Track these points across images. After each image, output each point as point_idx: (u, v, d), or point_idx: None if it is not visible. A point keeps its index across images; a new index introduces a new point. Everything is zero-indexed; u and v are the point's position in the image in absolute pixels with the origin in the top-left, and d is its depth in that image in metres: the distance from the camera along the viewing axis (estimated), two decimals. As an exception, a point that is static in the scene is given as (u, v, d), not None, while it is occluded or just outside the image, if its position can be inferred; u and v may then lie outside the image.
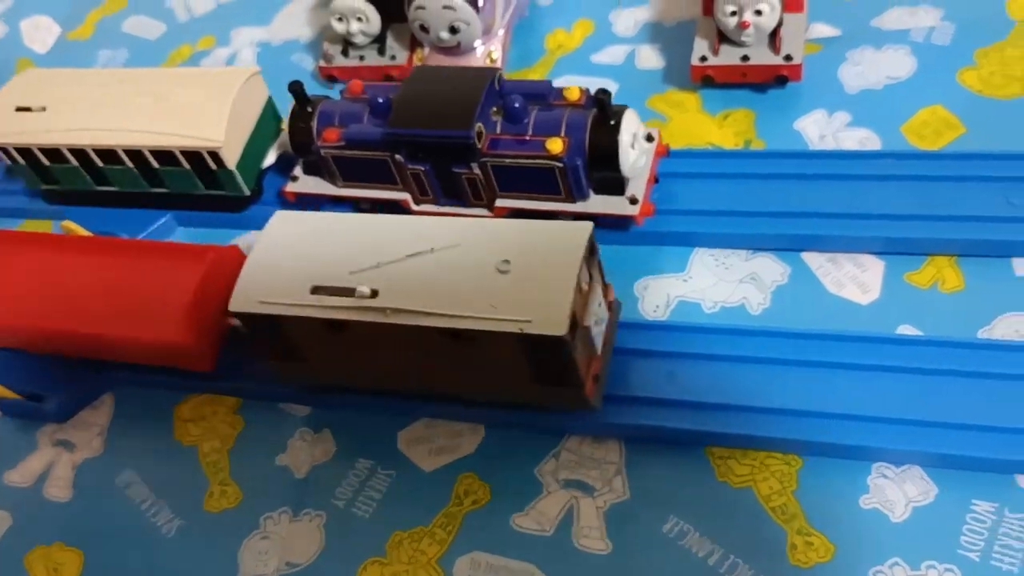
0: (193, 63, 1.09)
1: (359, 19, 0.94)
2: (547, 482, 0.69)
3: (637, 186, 0.76)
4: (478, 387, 0.68)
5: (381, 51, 0.97)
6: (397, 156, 0.78)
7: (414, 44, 0.96)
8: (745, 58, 0.85)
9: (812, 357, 0.68)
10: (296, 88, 0.81)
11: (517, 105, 0.73)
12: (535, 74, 0.96)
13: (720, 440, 0.68)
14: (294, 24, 1.09)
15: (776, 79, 0.85)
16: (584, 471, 0.69)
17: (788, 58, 0.84)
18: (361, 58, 0.97)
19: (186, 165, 0.84)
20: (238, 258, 0.75)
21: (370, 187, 0.82)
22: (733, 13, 0.83)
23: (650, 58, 0.94)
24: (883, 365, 0.67)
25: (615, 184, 0.75)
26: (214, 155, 0.82)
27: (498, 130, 0.74)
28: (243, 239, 0.89)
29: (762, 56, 0.85)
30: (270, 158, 0.89)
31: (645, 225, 0.77)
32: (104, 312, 0.76)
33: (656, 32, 0.96)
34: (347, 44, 0.97)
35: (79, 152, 0.86)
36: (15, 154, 0.89)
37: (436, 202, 0.81)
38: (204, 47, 1.11)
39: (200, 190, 0.87)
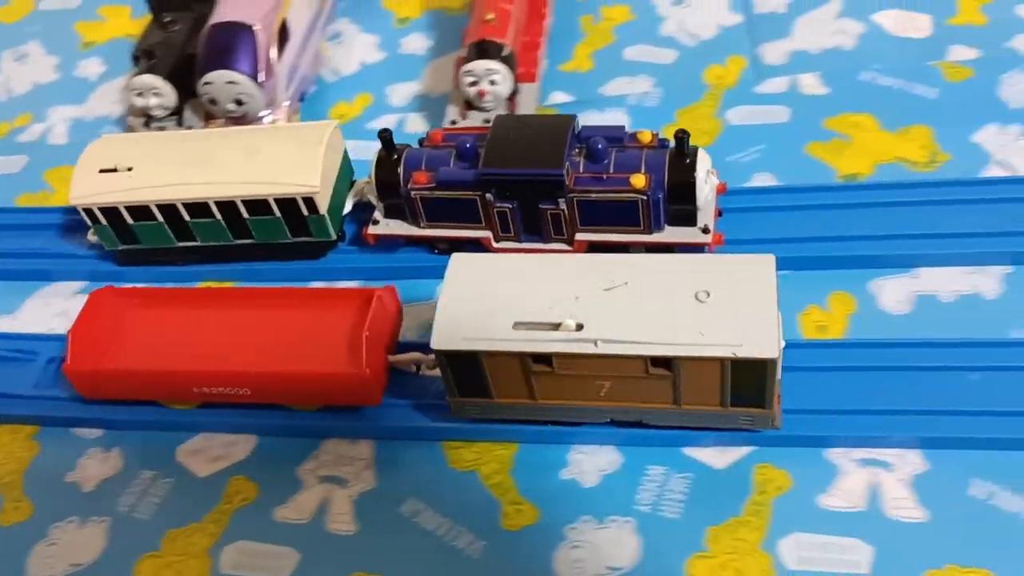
0: (9, 139, 1.18)
1: (156, 94, 1.06)
2: (307, 479, 0.80)
3: (707, 217, 0.84)
4: (669, 411, 0.72)
5: (179, 122, 1.09)
6: (487, 195, 0.85)
7: (208, 115, 1.08)
8: (487, 121, 1.01)
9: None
10: (385, 135, 0.88)
11: (600, 146, 0.82)
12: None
13: (452, 434, 0.81)
14: (105, 102, 1.20)
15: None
16: (339, 467, 0.81)
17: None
18: (162, 129, 1.09)
19: (277, 213, 0.90)
20: (396, 298, 0.84)
21: (453, 227, 0.88)
22: (472, 83, 0.99)
23: (417, 123, 1.09)
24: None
25: (688, 216, 0.83)
26: (309, 201, 0.88)
27: (581, 169, 0.83)
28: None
29: (502, 119, 1.01)
30: (348, 205, 0.96)
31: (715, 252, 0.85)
32: (273, 352, 0.81)
33: (423, 102, 1.11)
34: (148, 117, 1.09)
35: (167, 208, 0.91)
36: (99, 214, 0.92)
37: (516, 239, 0.88)
38: (21, 123, 1.20)
39: (287, 238, 0.92)
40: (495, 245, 0.88)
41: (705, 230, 0.84)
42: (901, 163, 0.92)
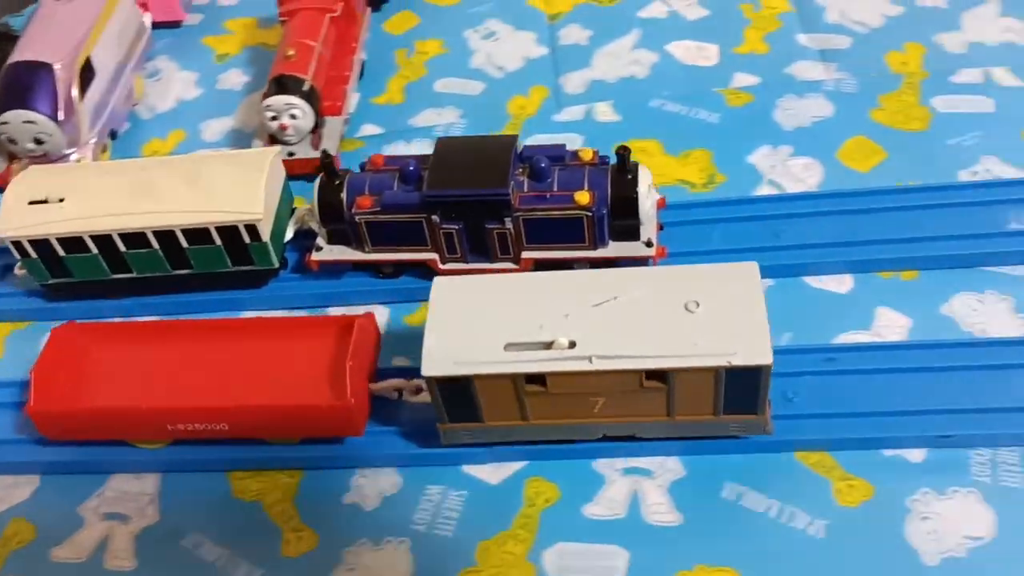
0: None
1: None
2: (88, 517, 0.79)
3: (649, 231, 0.86)
4: (662, 423, 0.72)
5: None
6: (433, 217, 0.85)
7: (11, 155, 1.07)
8: (291, 154, 1.02)
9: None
10: (327, 161, 0.88)
11: (543, 164, 0.84)
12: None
13: (238, 464, 0.81)
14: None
15: (317, 169, 1.00)
16: (122, 504, 0.80)
17: (325, 154, 0.96)
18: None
19: (218, 242, 0.87)
20: (375, 324, 0.84)
21: (398, 250, 0.89)
22: (273, 118, 1.00)
23: (229, 158, 1.09)
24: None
25: (632, 230, 0.85)
26: (251, 228, 0.87)
27: (525, 188, 0.84)
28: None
29: (305, 151, 1.03)
30: (289, 233, 0.94)
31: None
32: (251, 385, 0.80)
33: (236, 136, 1.12)
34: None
35: (102, 239, 0.88)
36: (28, 247, 0.89)
37: (463, 260, 0.89)
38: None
39: (227, 267, 0.90)
40: (442, 267, 0.89)
41: (648, 243, 0.86)
42: (682, 185, 0.96)
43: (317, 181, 0.89)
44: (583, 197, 0.82)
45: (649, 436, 0.74)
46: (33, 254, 0.90)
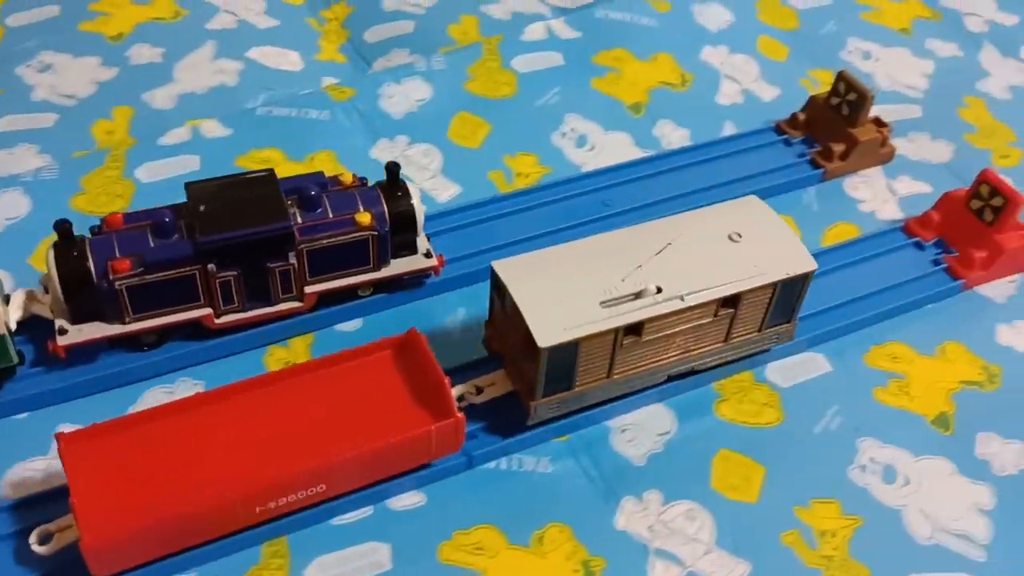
0: None
1: None
2: None
3: (424, 243, 0.86)
4: (719, 350, 0.79)
5: None
6: (209, 267, 0.77)
7: None
8: None
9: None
10: (64, 227, 0.76)
11: (313, 192, 0.80)
12: None
13: None
14: None
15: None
16: None
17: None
18: None
19: None
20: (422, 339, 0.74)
21: (166, 313, 0.79)
22: None
23: None
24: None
25: (411, 244, 0.85)
26: None
27: (300, 220, 0.79)
28: None
29: None
30: (12, 323, 0.76)
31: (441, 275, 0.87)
32: (338, 434, 0.69)
33: None
34: None
35: None
36: None
37: (242, 308, 0.81)
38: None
39: None
40: (218, 321, 0.81)
41: (428, 255, 0.86)
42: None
43: (50, 253, 0.77)
44: (364, 218, 0.81)
45: (708, 367, 0.81)
46: None
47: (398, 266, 0.86)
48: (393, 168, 0.84)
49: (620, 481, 0.77)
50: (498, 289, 0.75)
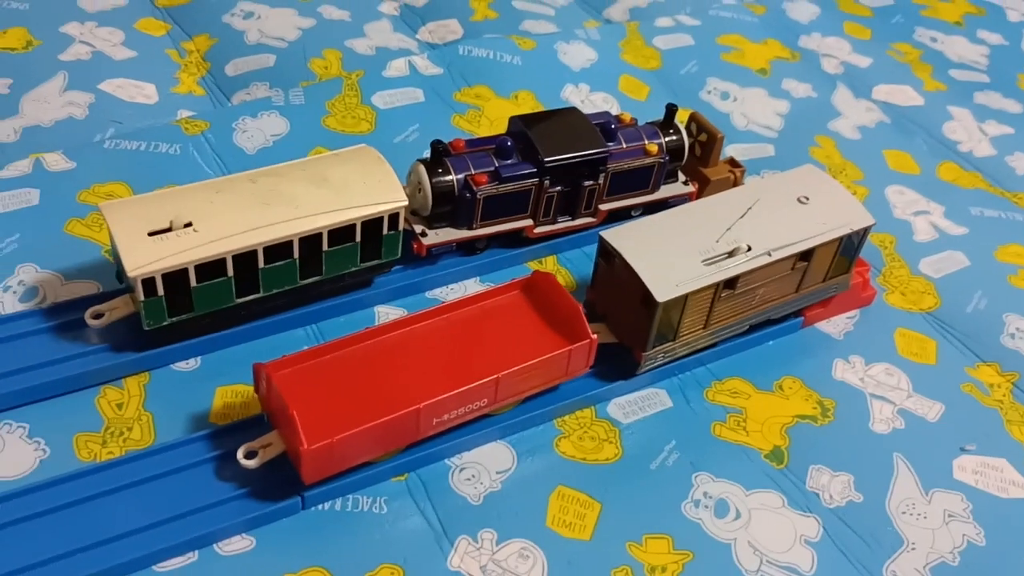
0: None
1: None
2: None
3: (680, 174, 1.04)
4: (791, 300, 0.90)
5: None
6: (544, 182, 0.92)
7: None
8: None
9: None
10: (439, 146, 0.90)
11: (613, 126, 0.96)
12: None
13: None
14: None
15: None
16: None
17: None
18: None
19: (358, 238, 0.85)
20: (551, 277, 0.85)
21: (500, 222, 0.94)
22: None
23: None
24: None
25: (673, 173, 1.02)
26: (394, 218, 0.86)
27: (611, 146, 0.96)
28: None
29: None
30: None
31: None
32: (499, 355, 0.79)
33: None
34: None
35: (244, 257, 0.81)
36: (160, 284, 0.78)
37: (552, 221, 0.97)
38: None
39: (356, 265, 0.87)
40: (536, 231, 0.97)
41: (686, 183, 1.03)
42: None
43: (420, 167, 0.90)
44: (652, 148, 0.97)
45: (782, 315, 0.92)
46: (162, 291, 0.78)
47: (665, 190, 1.01)
48: (672, 108, 1.00)
49: (456, 520, 0.77)
50: (606, 255, 0.85)
